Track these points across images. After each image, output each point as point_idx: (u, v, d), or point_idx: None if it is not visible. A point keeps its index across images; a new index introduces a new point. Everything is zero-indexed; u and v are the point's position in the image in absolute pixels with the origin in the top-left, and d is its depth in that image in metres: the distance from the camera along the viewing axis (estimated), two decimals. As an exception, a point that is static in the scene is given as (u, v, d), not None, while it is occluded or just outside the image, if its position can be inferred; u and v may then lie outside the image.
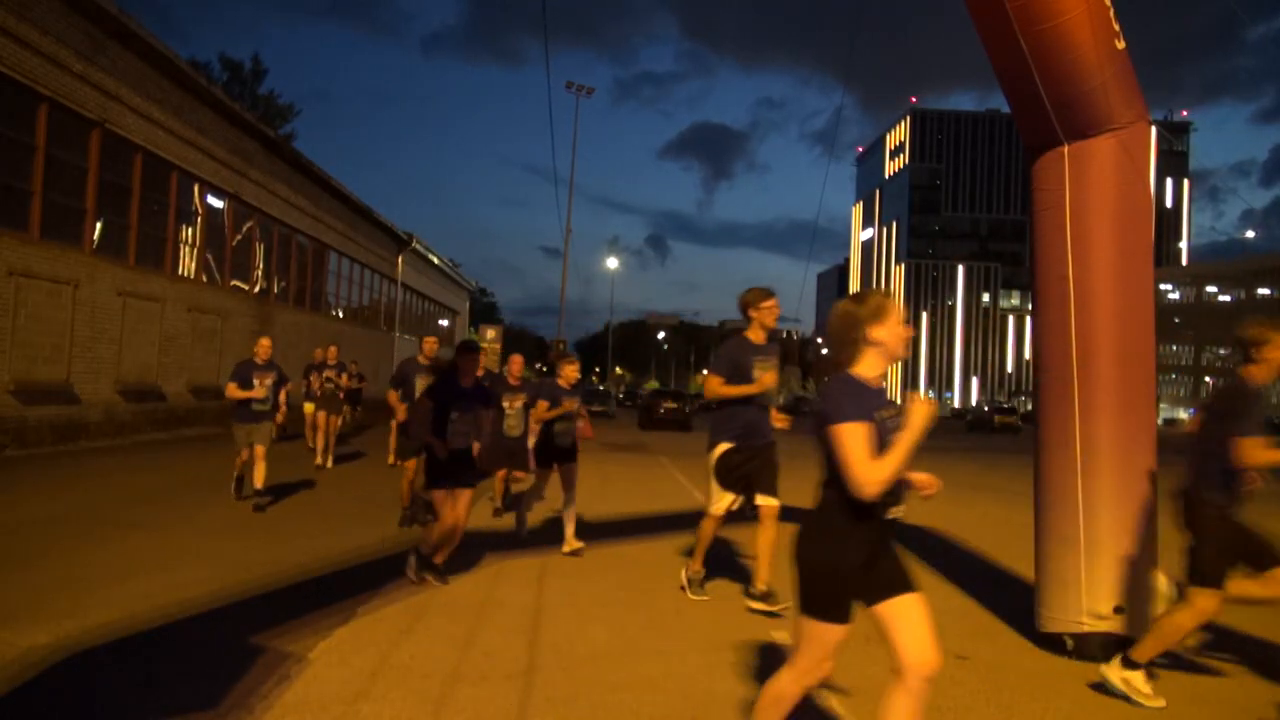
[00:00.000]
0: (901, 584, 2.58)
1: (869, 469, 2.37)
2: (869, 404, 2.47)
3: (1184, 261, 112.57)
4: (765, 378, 4.98)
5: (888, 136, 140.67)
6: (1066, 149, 4.32)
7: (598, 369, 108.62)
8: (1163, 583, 4.34)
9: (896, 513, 2.65)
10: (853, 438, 2.39)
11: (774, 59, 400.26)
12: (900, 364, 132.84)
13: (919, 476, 2.65)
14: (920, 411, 2.46)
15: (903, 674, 2.55)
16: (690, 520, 8.33)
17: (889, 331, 2.55)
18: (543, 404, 6.68)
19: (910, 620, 2.55)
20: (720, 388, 5.00)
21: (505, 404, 7.23)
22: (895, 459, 2.40)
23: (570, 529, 6.52)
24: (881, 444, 2.43)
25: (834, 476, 2.48)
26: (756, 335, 5.11)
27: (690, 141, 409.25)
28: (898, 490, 2.53)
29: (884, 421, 2.48)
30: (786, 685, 2.63)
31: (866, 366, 2.57)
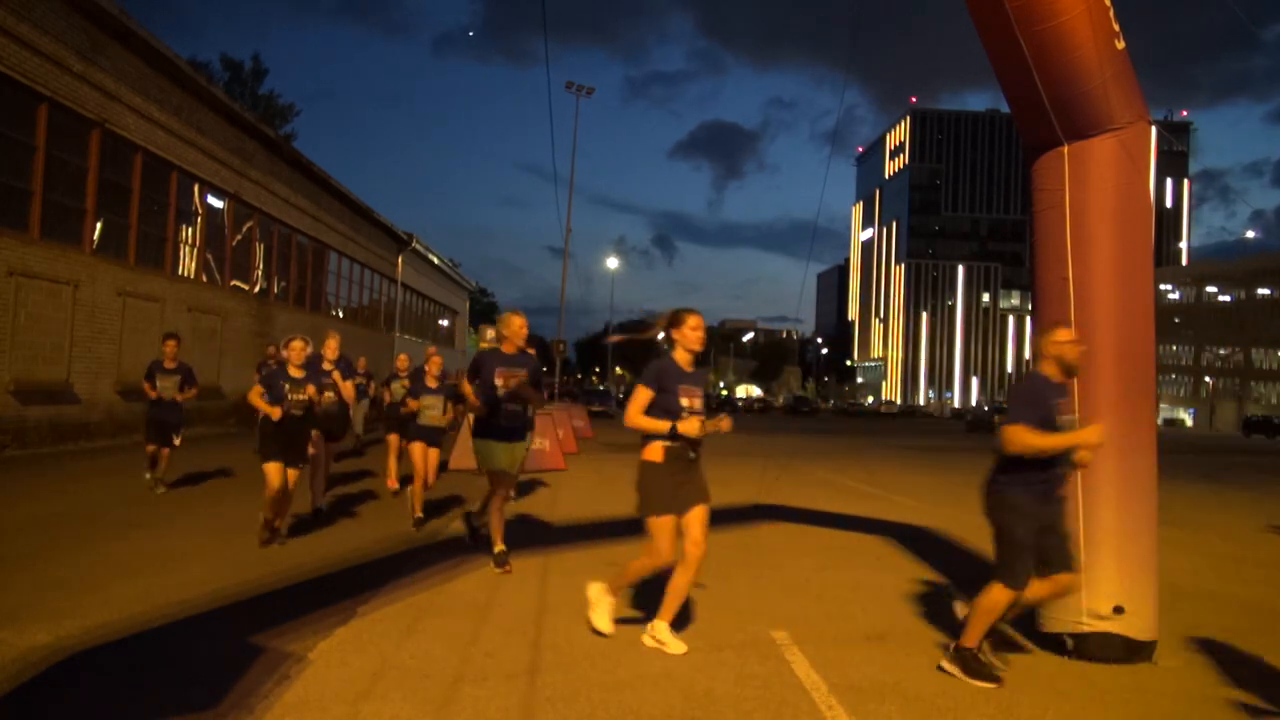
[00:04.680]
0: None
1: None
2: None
3: (1184, 261, 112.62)
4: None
5: (888, 136, 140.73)
6: (1066, 149, 4.32)
7: (598, 369, 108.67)
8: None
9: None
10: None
11: (788, 57, 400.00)
12: (902, 364, 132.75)
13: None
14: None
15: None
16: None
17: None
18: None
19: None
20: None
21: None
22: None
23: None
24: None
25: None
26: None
27: (699, 141, 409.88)
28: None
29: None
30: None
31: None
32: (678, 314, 4.29)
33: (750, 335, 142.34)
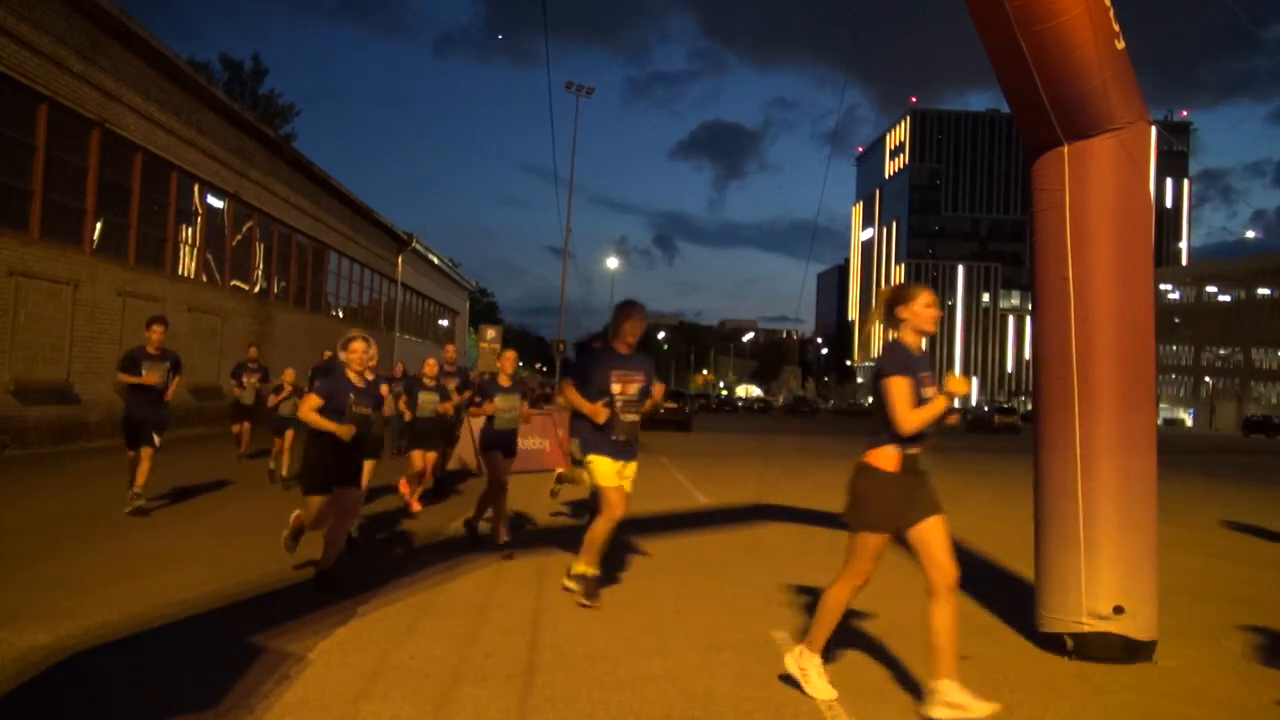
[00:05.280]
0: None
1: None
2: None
3: (1184, 261, 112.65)
4: None
5: (888, 136, 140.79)
6: (1066, 149, 4.32)
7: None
8: None
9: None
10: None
11: (790, 58, 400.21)
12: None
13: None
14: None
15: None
16: (690, 520, 8.32)
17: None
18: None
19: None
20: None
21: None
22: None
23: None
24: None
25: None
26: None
27: (700, 141, 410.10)
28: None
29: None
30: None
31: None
32: (906, 290, 3.60)
33: (750, 335, 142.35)
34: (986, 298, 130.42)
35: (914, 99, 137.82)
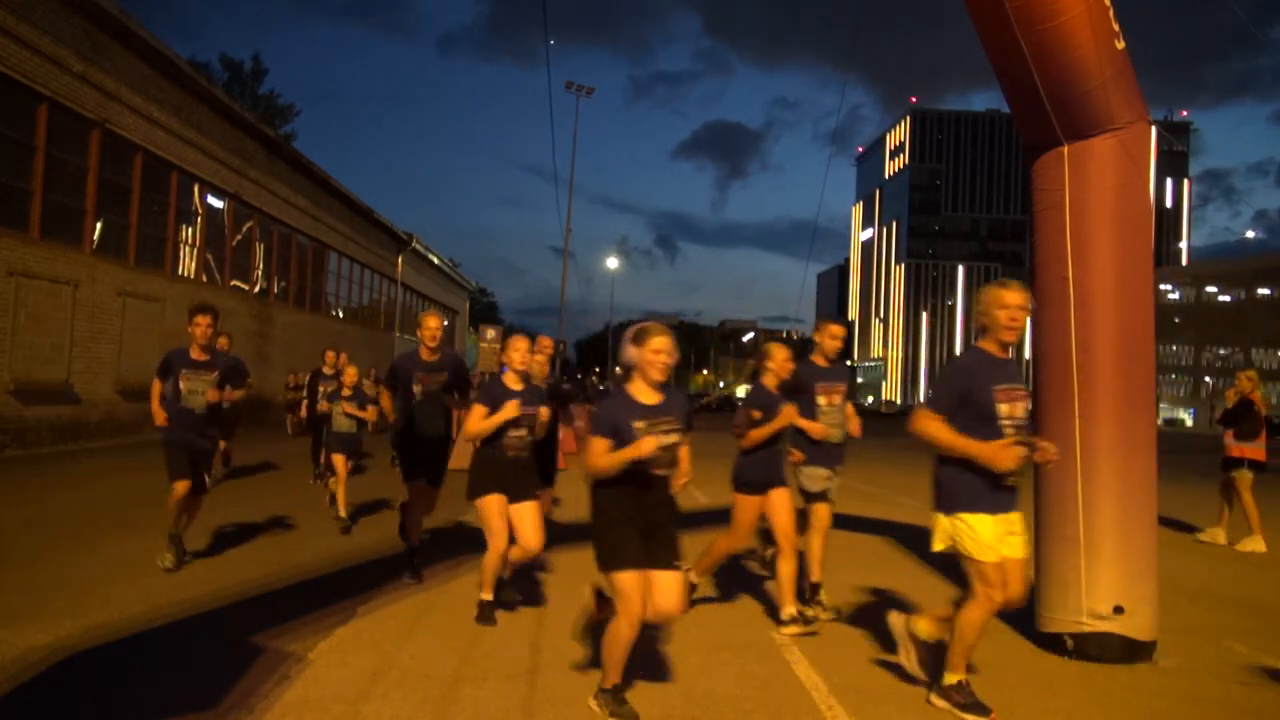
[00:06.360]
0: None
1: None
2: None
3: (1184, 261, 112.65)
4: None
5: (888, 137, 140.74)
6: (1066, 149, 4.32)
7: (598, 369, 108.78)
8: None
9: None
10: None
11: (794, 58, 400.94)
12: (902, 364, 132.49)
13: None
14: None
15: None
16: (689, 521, 8.31)
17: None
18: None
19: None
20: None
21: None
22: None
23: None
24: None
25: None
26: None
27: (702, 141, 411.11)
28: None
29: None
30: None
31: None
32: None
33: (750, 335, 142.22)
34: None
35: (914, 99, 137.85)
